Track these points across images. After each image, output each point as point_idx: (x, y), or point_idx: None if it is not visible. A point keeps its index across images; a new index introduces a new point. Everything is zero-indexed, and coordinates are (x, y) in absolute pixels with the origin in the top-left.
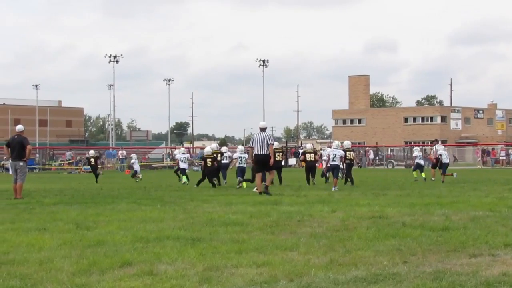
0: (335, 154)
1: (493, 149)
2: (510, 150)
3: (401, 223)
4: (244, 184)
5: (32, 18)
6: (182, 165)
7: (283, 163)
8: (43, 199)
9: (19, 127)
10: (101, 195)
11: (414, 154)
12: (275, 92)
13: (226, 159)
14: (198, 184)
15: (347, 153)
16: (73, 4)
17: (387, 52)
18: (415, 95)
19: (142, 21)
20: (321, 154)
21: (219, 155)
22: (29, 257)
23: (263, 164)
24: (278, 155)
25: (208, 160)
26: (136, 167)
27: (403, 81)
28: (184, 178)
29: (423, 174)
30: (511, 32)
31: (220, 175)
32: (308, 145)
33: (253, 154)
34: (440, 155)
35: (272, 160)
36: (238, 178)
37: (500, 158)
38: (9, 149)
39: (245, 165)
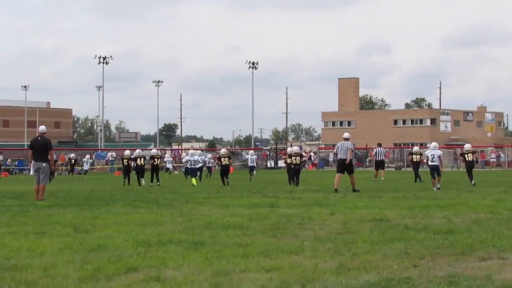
0: (433, 155)
1: (482, 151)
2: (500, 152)
3: (403, 226)
4: (194, 180)
5: (26, 22)
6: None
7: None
8: (36, 202)
9: (42, 128)
10: (94, 197)
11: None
12: (265, 94)
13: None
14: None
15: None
16: (67, 7)
17: (380, 54)
18: (406, 98)
19: (136, 24)
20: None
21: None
22: (31, 263)
23: (343, 166)
24: (224, 160)
25: (223, 159)
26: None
27: (394, 84)
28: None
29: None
30: (504, 36)
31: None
32: (295, 148)
33: (338, 158)
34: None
35: (348, 160)
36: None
37: (490, 160)
38: (32, 151)
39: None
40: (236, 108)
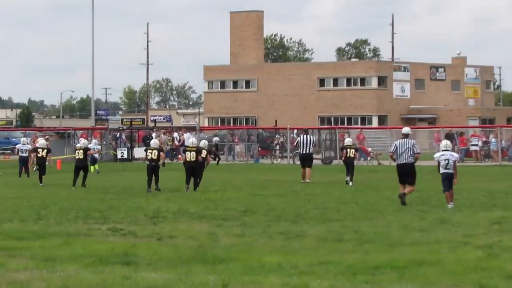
0: (448, 160)
1: (461, 133)
2: (490, 135)
3: None
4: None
5: None
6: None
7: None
8: None
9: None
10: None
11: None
12: (113, 30)
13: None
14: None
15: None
16: None
17: None
18: (340, 38)
19: None
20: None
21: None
22: None
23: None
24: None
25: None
26: None
27: (323, 16)
28: None
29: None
30: None
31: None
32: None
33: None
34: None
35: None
36: None
37: (471, 148)
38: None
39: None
40: (66, 54)
